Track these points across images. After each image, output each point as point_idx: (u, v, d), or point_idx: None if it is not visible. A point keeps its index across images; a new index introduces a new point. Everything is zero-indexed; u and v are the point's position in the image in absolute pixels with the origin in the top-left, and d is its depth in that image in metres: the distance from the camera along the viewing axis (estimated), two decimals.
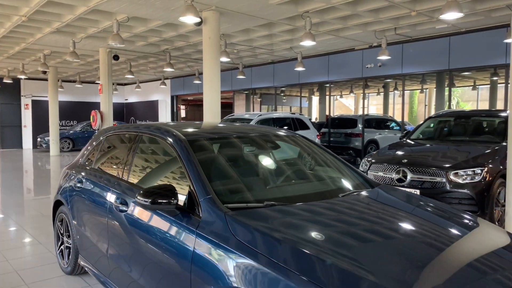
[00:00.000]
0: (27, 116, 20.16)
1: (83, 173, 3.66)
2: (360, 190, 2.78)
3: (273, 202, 2.33)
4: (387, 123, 14.80)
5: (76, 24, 9.38)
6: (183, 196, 2.38)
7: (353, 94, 25.53)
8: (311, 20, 8.33)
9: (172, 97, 20.28)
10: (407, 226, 2.26)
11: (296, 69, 12.38)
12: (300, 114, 12.81)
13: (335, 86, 21.06)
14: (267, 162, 3.06)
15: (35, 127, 19.98)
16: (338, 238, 1.99)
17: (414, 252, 1.92)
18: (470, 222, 2.41)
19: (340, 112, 27.21)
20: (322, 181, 2.98)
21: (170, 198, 2.27)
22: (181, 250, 2.19)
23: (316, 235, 2.00)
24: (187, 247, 2.15)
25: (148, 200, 2.28)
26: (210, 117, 8.18)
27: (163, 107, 20.62)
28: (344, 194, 2.65)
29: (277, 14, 8.56)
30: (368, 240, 2.02)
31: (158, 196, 2.28)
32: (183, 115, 24.88)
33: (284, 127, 10.45)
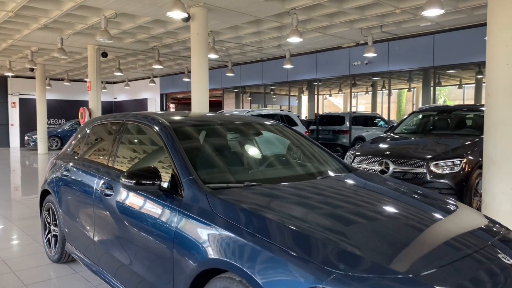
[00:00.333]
0: (14, 114, 19.96)
1: (70, 162, 3.71)
2: (339, 173, 2.89)
3: (253, 183, 2.42)
4: (375, 121, 15.01)
5: (63, 20, 9.37)
6: (167, 183, 2.45)
7: (342, 93, 25.76)
8: (297, 17, 8.45)
9: (161, 95, 20.28)
10: (382, 203, 2.38)
11: (284, 66, 12.51)
12: (289, 111, 12.94)
13: (324, 85, 21.26)
14: (249, 148, 3.15)
15: (22, 126, 19.81)
16: (314, 213, 2.10)
17: (388, 224, 2.03)
18: (449, 204, 2.53)
19: (330, 110, 27.43)
20: (303, 166, 3.08)
21: (153, 180, 2.35)
22: (164, 230, 2.27)
23: (293, 210, 2.10)
24: (170, 226, 2.23)
25: (132, 181, 2.35)
26: None
27: (152, 105, 20.60)
28: (323, 177, 2.76)
29: (264, 11, 8.66)
30: (344, 215, 2.12)
31: (142, 177, 2.36)
32: None
33: None
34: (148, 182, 2.34)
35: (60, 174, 3.73)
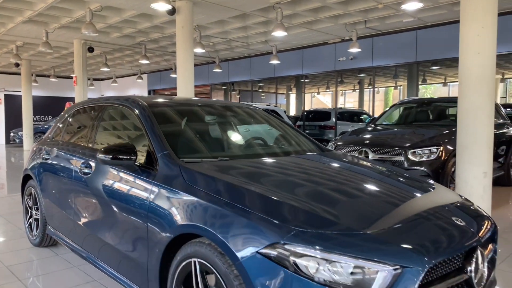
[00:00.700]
0: None
1: (50, 146, 3.75)
2: (312, 153, 3.00)
3: (227, 158, 2.51)
4: (361, 117, 15.20)
5: (48, 13, 9.34)
6: (144, 160, 2.51)
7: (330, 91, 25.99)
8: (282, 11, 8.55)
9: (149, 91, 20.23)
10: (347, 175, 2.51)
11: (271, 62, 12.62)
12: (275, 106, 13.05)
13: (311, 82, 21.43)
14: (226, 129, 3.24)
15: (7, 122, 19.58)
16: (279, 180, 2.21)
17: (349, 191, 2.15)
18: (407, 176, 2.66)
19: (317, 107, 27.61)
20: (278, 145, 3.19)
21: (130, 155, 2.42)
22: (139, 202, 2.34)
23: (261, 177, 2.21)
24: (144, 199, 2.31)
25: (108, 156, 2.42)
26: None
27: None
28: (296, 155, 2.87)
29: (250, 5, 8.75)
30: (308, 183, 2.23)
31: (118, 152, 2.43)
32: None
33: None
34: (124, 157, 2.41)
35: (41, 159, 3.77)
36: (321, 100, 29.89)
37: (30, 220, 3.98)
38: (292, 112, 22.89)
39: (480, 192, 4.36)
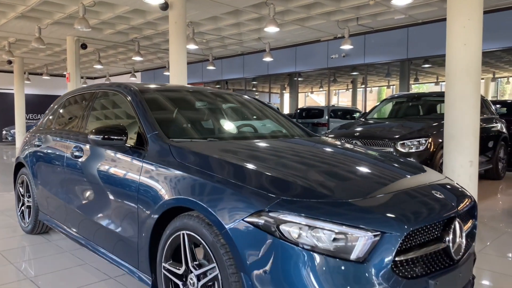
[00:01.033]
0: None
1: (43, 133, 3.79)
2: (300, 137, 3.07)
3: (216, 140, 2.57)
4: (353, 114, 15.31)
5: (41, 8, 9.33)
6: (134, 142, 2.56)
7: (323, 91, 26.12)
8: (275, 7, 8.62)
9: None
10: (332, 155, 2.58)
11: (264, 59, 12.69)
12: (268, 103, 13.12)
13: (305, 81, 21.55)
14: (216, 114, 3.30)
15: (0, 120, 19.48)
16: (266, 157, 2.28)
17: (333, 167, 2.21)
18: (387, 154, 2.73)
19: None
20: (268, 130, 3.26)
21: (120, 135, 2.47)
22: (129, 181, 2.39)
23: (248, 155, 2.27)
24: (135, 176, 2.35)
25: (99, 136, 2.47)
26: None
27: None
28: (284, 139, 2.93)
29: (242, 1, 8.81)
30: (294, 161, 2.29)
31: (109, 133, 2.48)
32: None
33: None
34: (115, 138, 2.46)
35: (34, 146, 3.80)
36: (314, 99, 30.05)
37: (22, 208, 4.00)
38: (286, 111, 23.00)
39: (466, 181, 4.45)
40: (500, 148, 7.36)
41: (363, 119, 7.17)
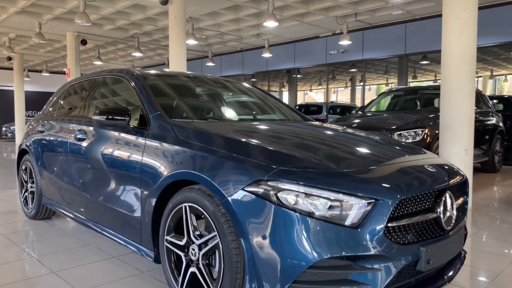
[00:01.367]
0: None
1: (46, 120, 3.86)
2: (300, 122, 3.15)
3: (216, 120, 2.64)
4: (352, 110, 15.39)
5: (41, 3, 9.40)
6: (137, 123, 2.64)
7: (322, 89, 26.19)
8: (274, 2, 8.70)
9: None
10: (331, 135, 2.66)
11: (263, 55, 12.76)
12: None
13: (304, 79, 21.61)
14: (217, 99, 3.37)
15: None
16: (266, 134, 2.36)
17: (331, 144, 2.29)
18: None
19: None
20: (266, 114, 3.34)
21: (124, 116, 2.55)
22: (132, 159, 2.47)
23: (247, 132, 2.35)
24: (138, 154, 2.43)
25: (103, 117, 2.55)
26: None
27: None
28: (283, 122, 3.01)
29: None
30: (291, 137, 2.38)
31: (113, 113, 2.56)
32: None
33: None
34: (118, 118, 2.54)
35: (37, 133, 3.87)
36: (313, 97, 30.13)
37: (26, 194, 4.07)
38: None
39: (461, 169, 4.53)
40: (496, 141, 7.45)
41: (361, 112, 7.25)
